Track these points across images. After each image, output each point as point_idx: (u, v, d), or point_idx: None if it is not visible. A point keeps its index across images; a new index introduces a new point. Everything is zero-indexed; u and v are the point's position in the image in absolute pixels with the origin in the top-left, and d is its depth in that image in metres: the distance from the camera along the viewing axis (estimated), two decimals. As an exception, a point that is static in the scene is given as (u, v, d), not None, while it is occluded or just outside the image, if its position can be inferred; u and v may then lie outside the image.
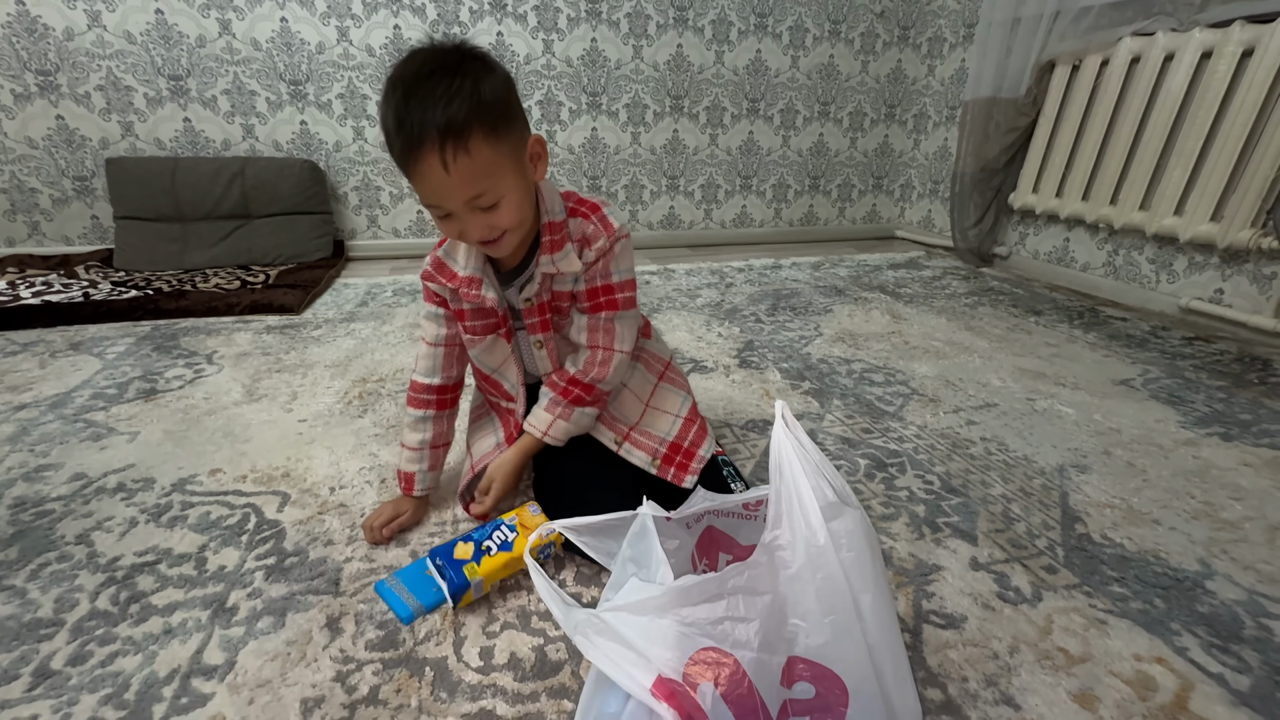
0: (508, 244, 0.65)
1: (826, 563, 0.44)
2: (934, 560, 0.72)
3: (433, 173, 0.56)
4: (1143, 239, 1.69)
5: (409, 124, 0.55)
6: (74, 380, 1.15)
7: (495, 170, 0.59)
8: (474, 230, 0.61)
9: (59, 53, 1.75)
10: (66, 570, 0.68)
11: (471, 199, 0.59)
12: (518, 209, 0.63)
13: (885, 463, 0.93)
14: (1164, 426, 1.05)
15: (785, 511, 0.46)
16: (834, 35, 2.27)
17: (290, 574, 0.68)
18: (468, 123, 0.55)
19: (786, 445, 0.47)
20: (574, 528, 0.57)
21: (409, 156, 0.57)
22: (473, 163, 0.57)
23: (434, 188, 0.58)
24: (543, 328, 0.75)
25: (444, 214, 0.61)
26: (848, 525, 0.45)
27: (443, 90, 0.55)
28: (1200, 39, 1.46)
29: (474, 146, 0.56)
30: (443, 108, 0.54)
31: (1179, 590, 0.68)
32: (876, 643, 0.43)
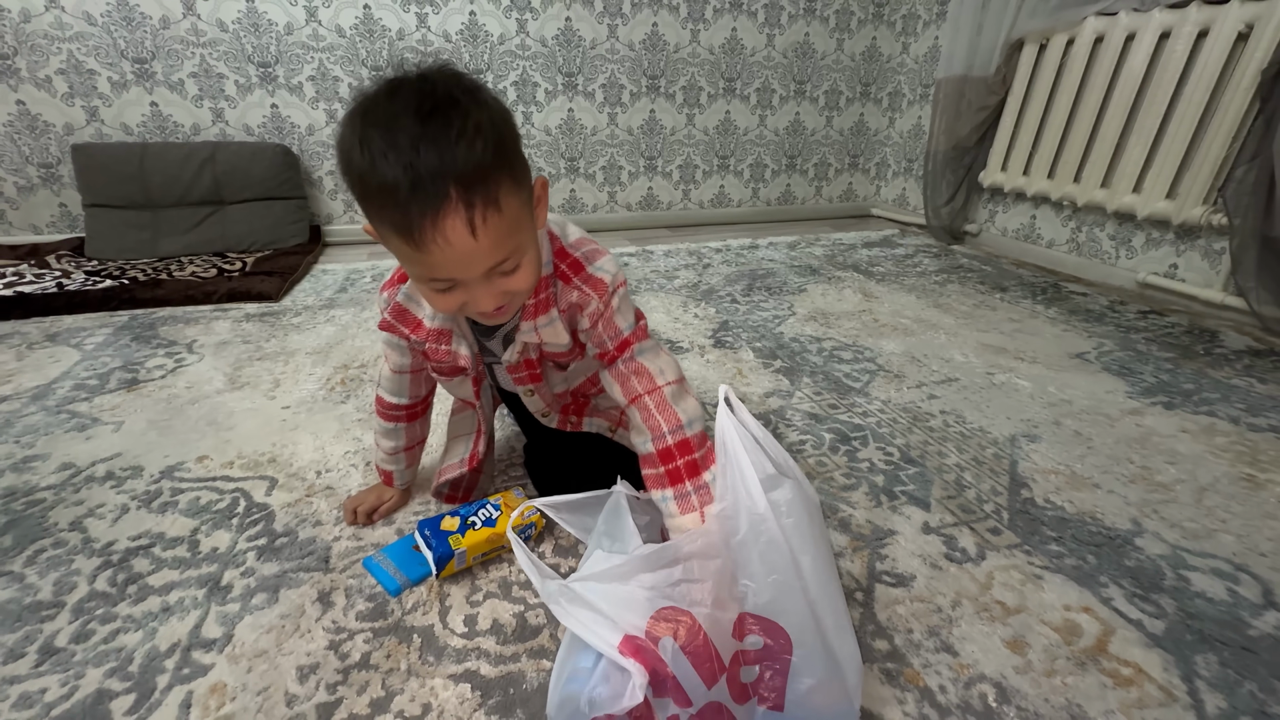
0: (513, 309, 0.56)
1: (768, 529, 0.48)
2: (889, 526, 0.78)
3: (456, 240, 0.44)
4: (1104, 216, 1.75)
5: (423, 183, 0.42)
6: (54, 372, 1.15)
7: (522, 225, 0.49)
8: (486, 300, 0.50)
9: (16, 35, 1.70)
10: (63, 555, 0.71)
11: (495, 265, 0.48)
12: (534, 268, 0.52)
13: (849, 436, 0.98)
14: (1113, 397, 1.11)
15: (730, 485, 0.51)
16: (809, 13, 2.27)
17: (281, 553, 0.71)
18: (495, 171, 0.45)
19: (729, 426, 0.51)
20: (553, 505, 0.61)
21: (422, 224, 0.43)
22: (503, 221, 0.46)
23: (455, 259, 0.46)
24: (532, 380, 0.70)
25: (448, 286, 0.49)
26: (786, 495, 0.49)
27: (457, 131, 0.43)
28: (1160, 19, 1.50)
29: (504, 200, 0.46)
30: (464, 156, 0.43)
31: (1110, 547, 0.74)
32: (817, 598, 0.47)
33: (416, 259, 0.47)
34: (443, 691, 0.55)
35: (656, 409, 0.60)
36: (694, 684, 0.47)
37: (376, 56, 1.96)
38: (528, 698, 0.55)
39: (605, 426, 0.81)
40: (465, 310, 0.53)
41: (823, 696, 0.48)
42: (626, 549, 0.54)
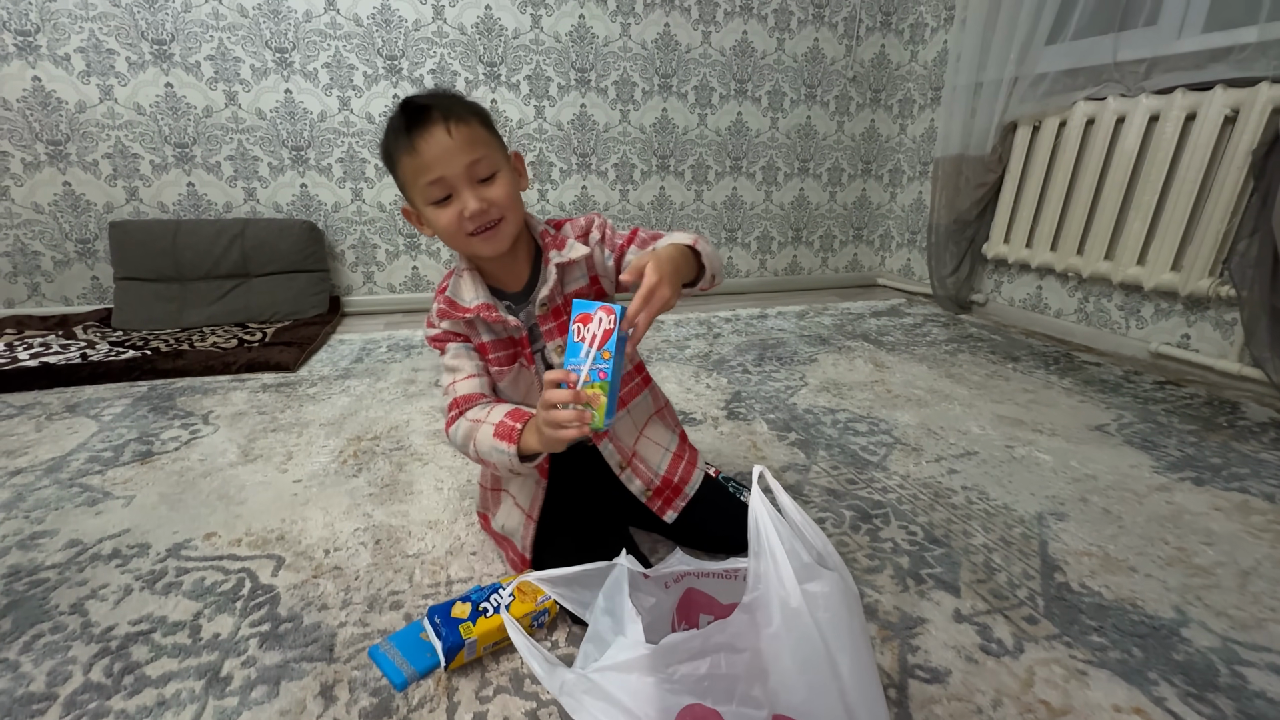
0: (504, 234, 0.68)
1: (801, 623, 0.46)
2: (918, 613, 0.74)
3: (435, 139, 0.63)
4: (1110, 287, 1.77)
5: (414, 108, 0.64)
6: (70, 444, 1.16)
7: (490, 145, 0.67)
8: (471, 201, 0.65)
9: (70, 124, 1.83)
10: (60, 641, 0.68)
11: (471, 164, 0.64)
12: (510, 188, 0.68)
13: (870, 514, 0.95)
14: (1138, 472, 1.08)
15: (763, 573, 0.49)
16: (810, 99, 2.41)
17: (284, 640, 0.69)
18: (467, 112, 0.65)
19: (762, 510, 0.50)
20: (549, 579, 0.59)
21: (413, 132, 0.63)
22: (472, 132, 0.65)
23: (439, 152, 0.63)
24: (561, 331, 0.74)
25: (443, 196, 0.65)
26: (824, 587, 0.47)
27: (440, 95, 0.67)
28: (1147, 104, 1.57)
29: (473, 126, 0.65)
30: (442, 100, 0.65)
31: (1155, 639, 0.70)
32: (855, 703, 0.45)
33: (417, 165, 0.64)
34: (449, 802, 0.51)
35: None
36: (722, 796, 0.43)
37: (402, 140, 2.08)
38: (540, 810, 0.51)
39: (618, 462, 0.80)
40: (463, 222, 0.65)
41: (861, 814, 0.45)
42: (624, 630, 0.51)
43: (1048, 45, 1.80)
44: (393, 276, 2.23)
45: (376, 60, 1.98)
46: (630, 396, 0.84)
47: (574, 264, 0.74)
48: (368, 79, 1.99)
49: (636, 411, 0.85)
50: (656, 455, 0.83)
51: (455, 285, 0.75)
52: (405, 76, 2.01)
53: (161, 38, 1.82)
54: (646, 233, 0.76)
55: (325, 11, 1.90)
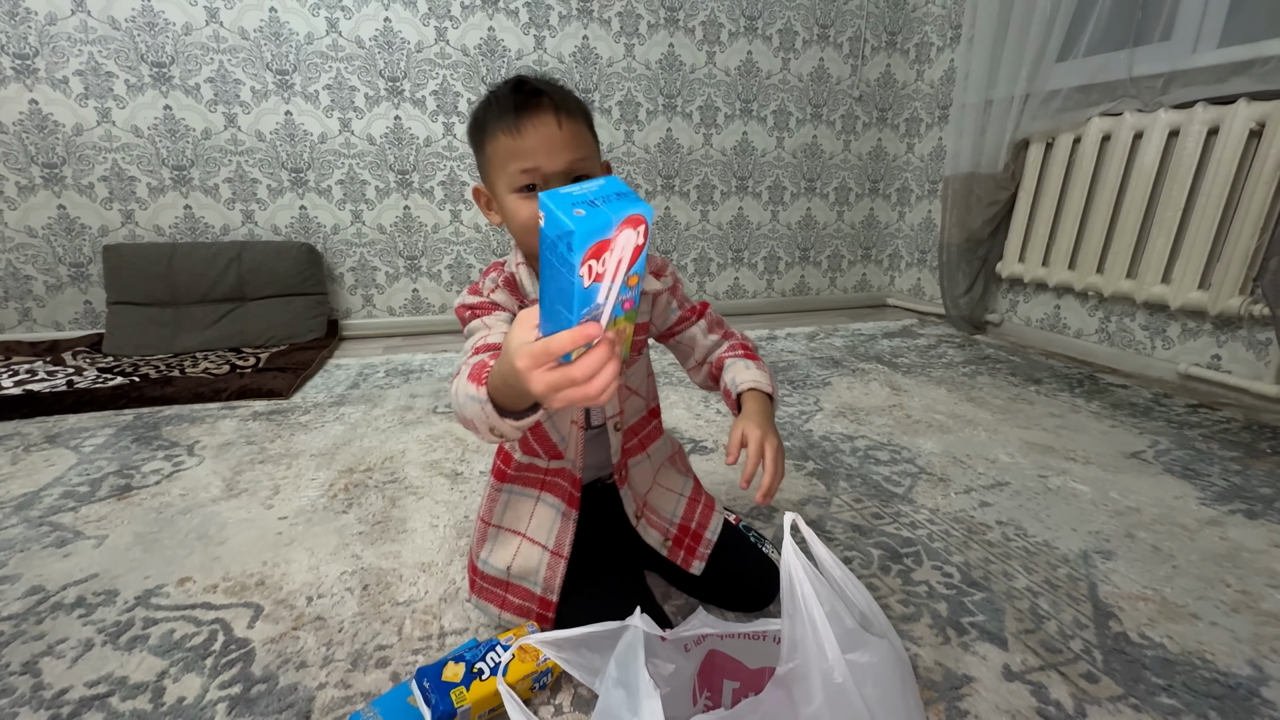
0: None
1: (848, 702, 0.39)
2: (963, 670, 0.66)
3: (545, 126, 0.58)
4: (1133, 306, 1.71)
5: (528, 87, 0.59)
6: (45, 477, 1.10)
7: (591, 150, 0.62)
8: None
9: (67, 147, 1.80)
10: (6, 708, 0.61)
11: (574, 161, 0.59)
12: None
13: (900, 553, 0.88)
14: (1184, 504, 1.01)
15: (799, 640, 0.42)
16: (816, 118, 2.38)
17: (256, 705, 0.61)
18: (576, 109, 0.61)
19: (797, 564, 0.43)
20: (553, 641, 0.52)
21: (524, 110, 0.58)
22: (580, 132, 0.60)
23: (544, 142, 0.58)
24: None
25: (530, 184, 0.59)
26: (872, 658, 0.40)
27: (557, 84, 0.62)
28: (1166, 119, 1.53)
29: (581, 124, 0.61)
30: (557, 89, 0.61)
31: (1233, 699, 0.62)
32: (917, 801, 0.37)
33: (514, 148, 0.58)
34: None
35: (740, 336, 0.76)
36: None
37: (404, 161, 2.05)
38: None
39: (633, 511, 0.74)
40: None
41: None
42: (639, 708, 0.44)
43: (1059, 62, 1.77)
44: (392, 299, 2.18)
45: (378, 82, 1.96)
46: (650, 439, 0.78)
47: (642, 296, 0.70)
48: (369, 100, 1.97)
49: (656, 456, 0.79)
50: (670, 502, 0.77)
51: (517, 273, 0.66)
52: (407, 98, 1.99)
53: (161, 60, 1.80)
54: (716, 315, 0.76)
55: (327, 34, 1.88)
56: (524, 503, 0.72)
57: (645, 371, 0.77)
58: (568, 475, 0.71)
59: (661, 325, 0.74)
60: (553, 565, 0.69)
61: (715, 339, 0.75)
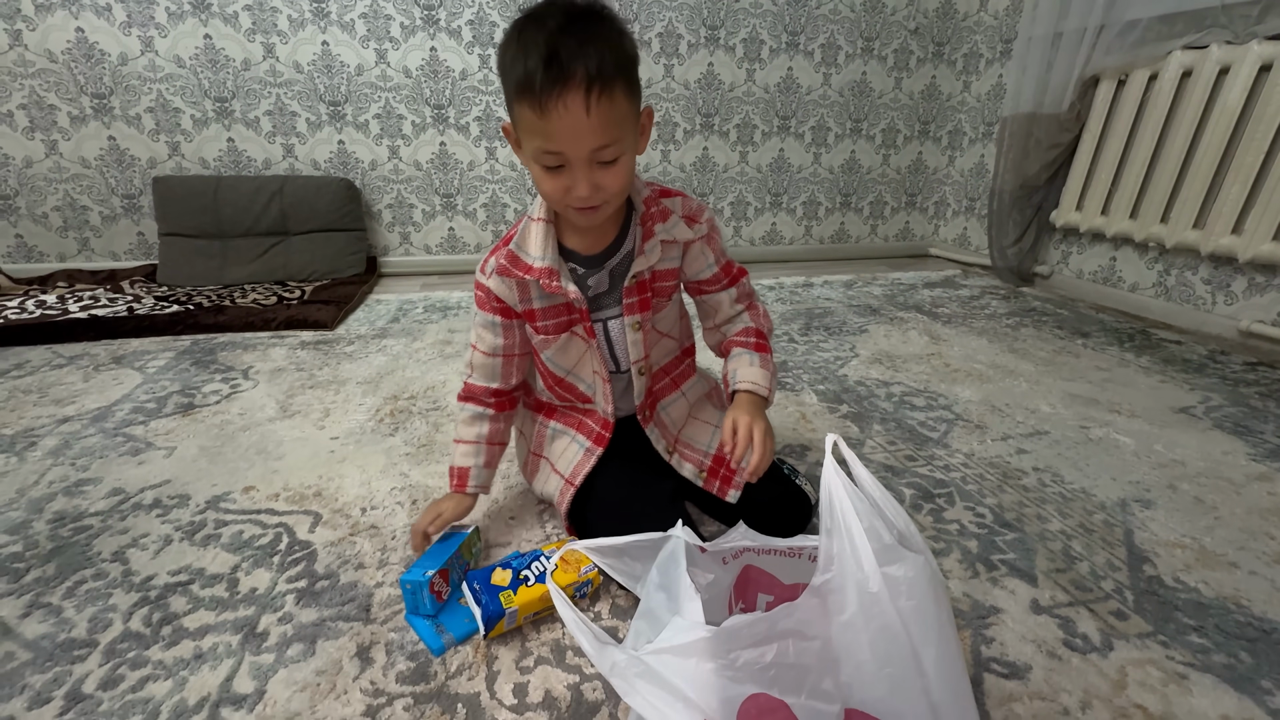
0: (604, 213, 0.62)
1: (882, 611, 0.41)
2: (991, 601, 0.68)
3: (573, 113, 0.53)
4: (1197, 259, 1.61)
5: (559, 59, 0.52)
6: (116, 394, 1.17)
7: (625, 124, 0.57)
8: (584, 186, 0.57)
9: (113, 77, 1.82)
10: (101, 589, 0.68)
11: (599, 148, 0.56)
12: (627, 173, 0.60)
13: (932, 493, 0.88)
14: (1232, 459, 0.98)
15: (836, 554, 0.43)
16: (866, 52, 2.25)
17: (321, 598, 0.67)
18: (616, 72, 0.54)
19: (837, 483, 0.44)
20: (598, 548, 0.55)
21: (550, 91, 0.52)
22: (614, 110, 0.55)
23: (569, 129, 0.54)
24: (642, 307, 0.70)
25: (557, 165, 0.57)
26: (907, 571, 0.41)
27: (594, 35, 0.53)
28: (1259, 51, 1.40)
29: (617, 96, 0.55)
30: (594, 51, 0.52)
31: (1267, 643, 0.63)
32: (941, 700, 0.39)
33: (539, 128, 0.54)
34: (489, 777, 0.49)
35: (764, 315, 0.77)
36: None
37: (439, 95, 2.02)
38: (585, 792, 0.48)
39: (665, 447, 0.76)
40: (567, 197, 0.58)
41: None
42: (681, 607, 0.47)
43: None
44: (429, 238, 2.20)
45: (414, 10, 1.91)
46: (684, 378, 0.81)
47: (673, 244, 0.70)
48: (405, 30, 1.93)
49: (691, 393, 0.82)
50: (705, 434, 0.78)
51: (523, 235, 0.67)
52: (443, 27, 1.94)
53: (199, -13, 1.78)
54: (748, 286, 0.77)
55: (362, -42, 1.83)
56: (560, 438, 0.78)
57: (677, 314, 0.79)
58: (597, 417, 0.75)
59: (693, 275, 0.74)
60: (564, 492, 0.74)
61: (738, 310, 0.76)
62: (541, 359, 0.74)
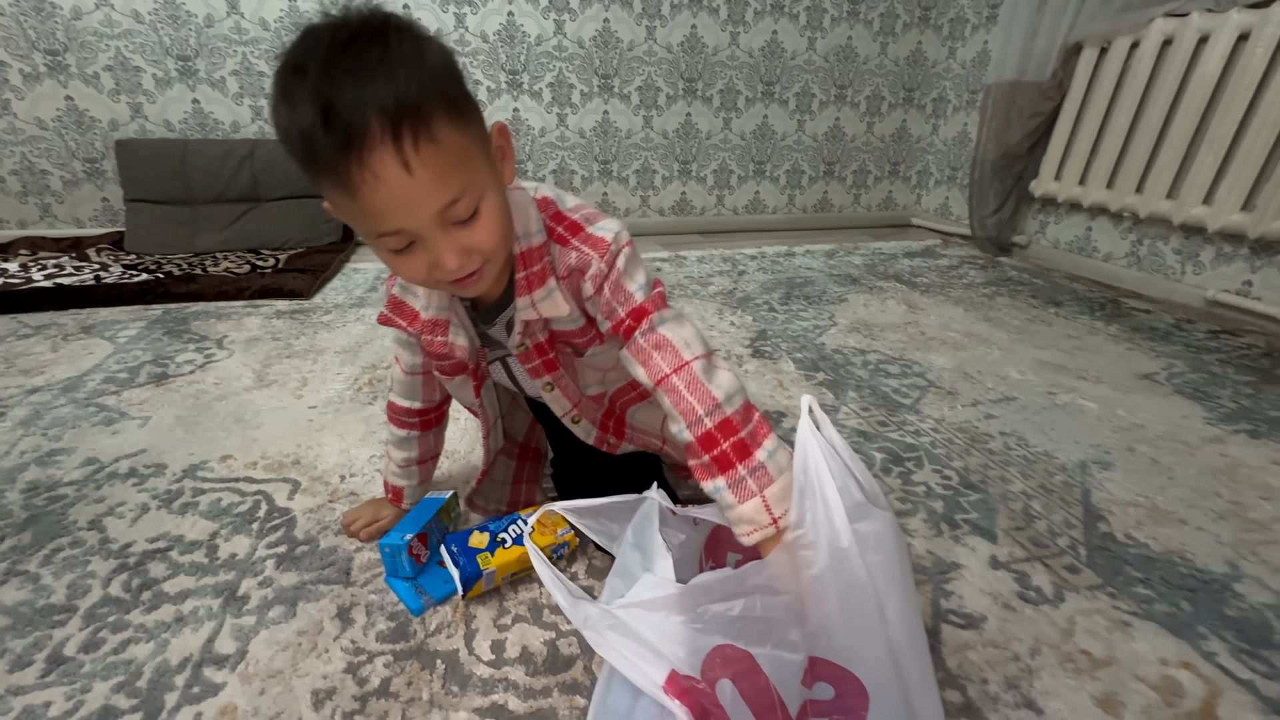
0: (488, 276, 0.49)
1: (851, 565, 0.43)
2: (952, 558, 0.71)
3: (388, 176, 0.39)
4: (1168, 229, 1.64)
5: (337, 115, 0.38)
6: (86, 364, 1.15)
7: (468, 161, 0.43)
8: (449, 256, 0.44)
9: (67, 32, 1.73)
10: (79, 556, 0.68)
11: (445, 207, 0.43)
12: (499, 220, 0.47)
13: (902, 456, 0.91)
14: (1190, 423, 1.02)
15: (809, 510, 0.45)
16: (853, 16, 2.21)
17: (301, 563, 0.68)
18: (424, 98, 0.40)
19: (812, 443, 0.45)
20: (575, 509, 0.56)
21: (345, 162, 0.39)
22: (443, 152, 0.41)
23: (393, 199, 0.41)
24: (548, 368, 0.61)
25: (405, 243, 0.44)
26: (875, 528, 0.43)
27: (378, 58, 0.38)
28: (1238, 20, 1.40)
29: (439, 130, 0.41)
30: (384, 81, 0.38)
31: (1206, 593, 0.66)
32: (901, 648, 0.41)
33: (358, 211, 0.42)
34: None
35: (687, 389, 0.50)
36: (754, 738, 0.41)
37: (414, 56, 1.95)
38: (560, 739, 0.50)
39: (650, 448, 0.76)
40: (434, 275, 0.47)
41: (900, 762, 0.42)
42: (653, 565, 0.49)
43: (1128, -49, 1.60)
44: (407, 205, 2.15)
45: (385, -35, 1.83)
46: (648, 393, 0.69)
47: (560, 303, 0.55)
48: (376, -14, 1.85)
49: None
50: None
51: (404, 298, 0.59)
52: (416, -16, 1.87)
53: (155, -64, 1.69)
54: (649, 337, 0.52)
55: (328, -93, 1.74)
56: None
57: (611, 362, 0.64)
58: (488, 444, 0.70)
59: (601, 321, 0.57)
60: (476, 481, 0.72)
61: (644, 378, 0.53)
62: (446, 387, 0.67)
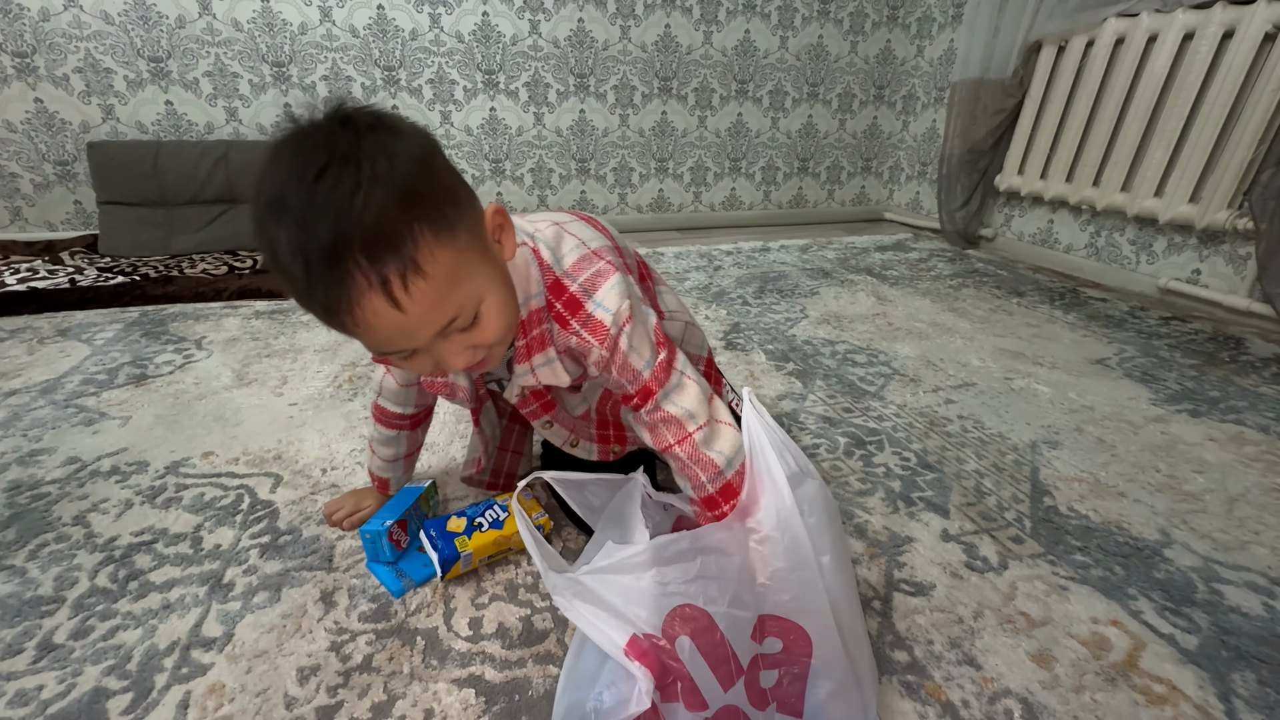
0: (496, 358, 0.50)
1: (793, 525, 0.47)
2: (907, 532, 0.75)
3: (381, 319, 0.40)
4: (1124, 220, 1.71)
5: (316, 274, 0.38)
6: (64, 366, 1.15)
7: (462, 277, 0.43)
8: (454, 359, 0.46)
9: (35, 34, 1.72)
10: (65, 550, 0.70)
11: (444, 328, 0.43)
12: (501, 313, 0.47)
13: (864, 440, 0.96)
14: (1135, 404, 1.08)
15: (758, 477, 0.49)
16: (823, 15, 2.26)
17: (284, 551, 0.70)
18: (409, 224, 0.39)
19: (756, 422, 0.50)
20: (559, 479, 0.59)
21: (338, 314, 0.39)
22: (432, 284, 0.40)
23: (389, 333, 0.41)
24: (545, 409, 0.63)
25: (407, 354, 0.45)
26: (809, 493, 0.48)
27: (350, 190, 0.37)
28: (1183, 20, 1.47)
29: (425, 257, 0.40)
30: (358, 215, 0.37)
31: (1138, 558, 0.72)
32: (837, 598, 0.46)
33: (358, 337, 0.42)
34: (446, 696, 0.54)
35: (690, 459, 0.53)
36: (710, 686, 0.45)
37: (389, 56, 1.96)
38: (533, 704, 0.53)
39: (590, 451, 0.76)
40: (441, 370, 0.49)
41: (841, 704, 0.47)
42: (631, 539, 0.52)
43: (1082, -46, 1.67)
44: (385, 205, 2.16)
45: (358, -35, 1.84)
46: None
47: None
48: (350, -13, 1.85)
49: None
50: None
51: None
52: (390, -16, 1.87)
53: (124, -64, 1.68)
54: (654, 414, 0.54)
55: (300, -92, 1.75)
56: None
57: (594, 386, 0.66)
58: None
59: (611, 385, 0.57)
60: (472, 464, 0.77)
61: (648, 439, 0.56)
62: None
